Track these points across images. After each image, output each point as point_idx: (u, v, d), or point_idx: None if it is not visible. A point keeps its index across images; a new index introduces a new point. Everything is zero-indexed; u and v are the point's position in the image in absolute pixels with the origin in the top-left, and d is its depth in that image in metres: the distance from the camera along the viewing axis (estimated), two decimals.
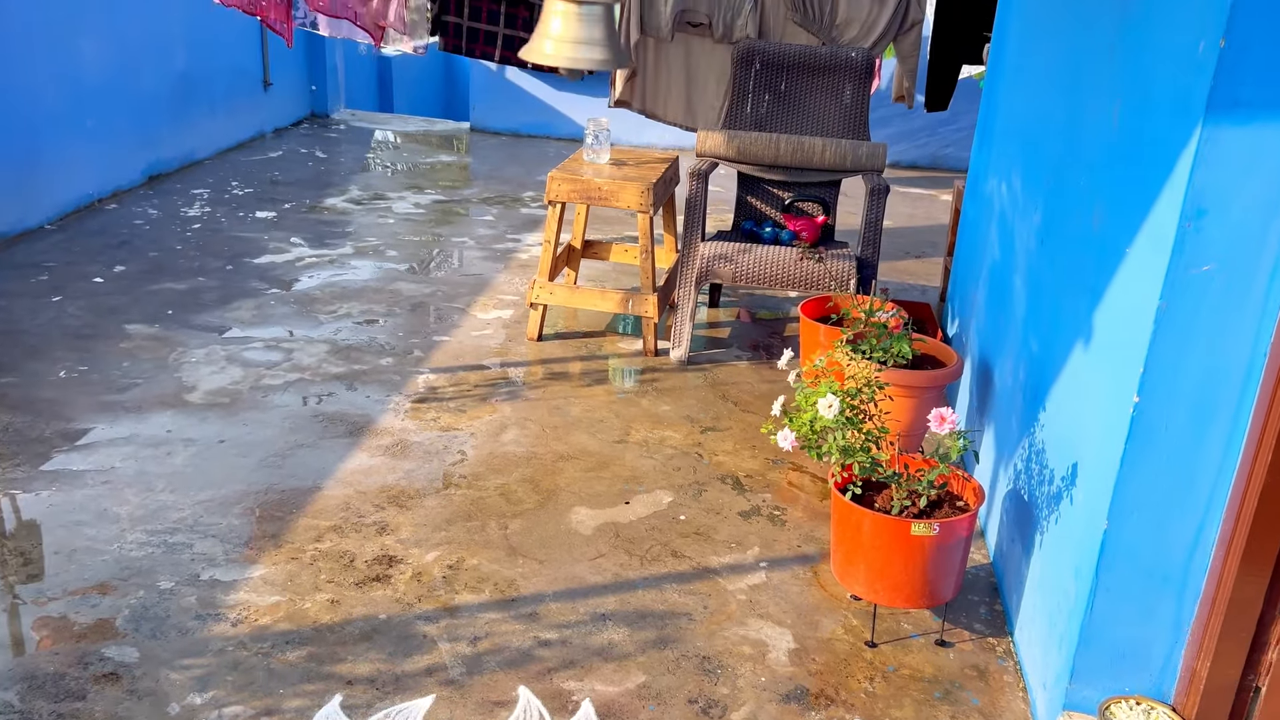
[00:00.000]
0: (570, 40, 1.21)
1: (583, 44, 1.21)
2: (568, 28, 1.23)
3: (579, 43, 1.21)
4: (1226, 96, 1.83)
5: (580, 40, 1.22)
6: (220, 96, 6.93)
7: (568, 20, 1.23)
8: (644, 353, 4.36)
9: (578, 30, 1.23)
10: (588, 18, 1.24)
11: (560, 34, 1.23)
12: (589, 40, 1.23)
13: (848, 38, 4.94)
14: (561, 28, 1.23)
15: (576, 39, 1.22)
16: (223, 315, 4.46)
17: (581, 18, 1.23)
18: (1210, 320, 1.97)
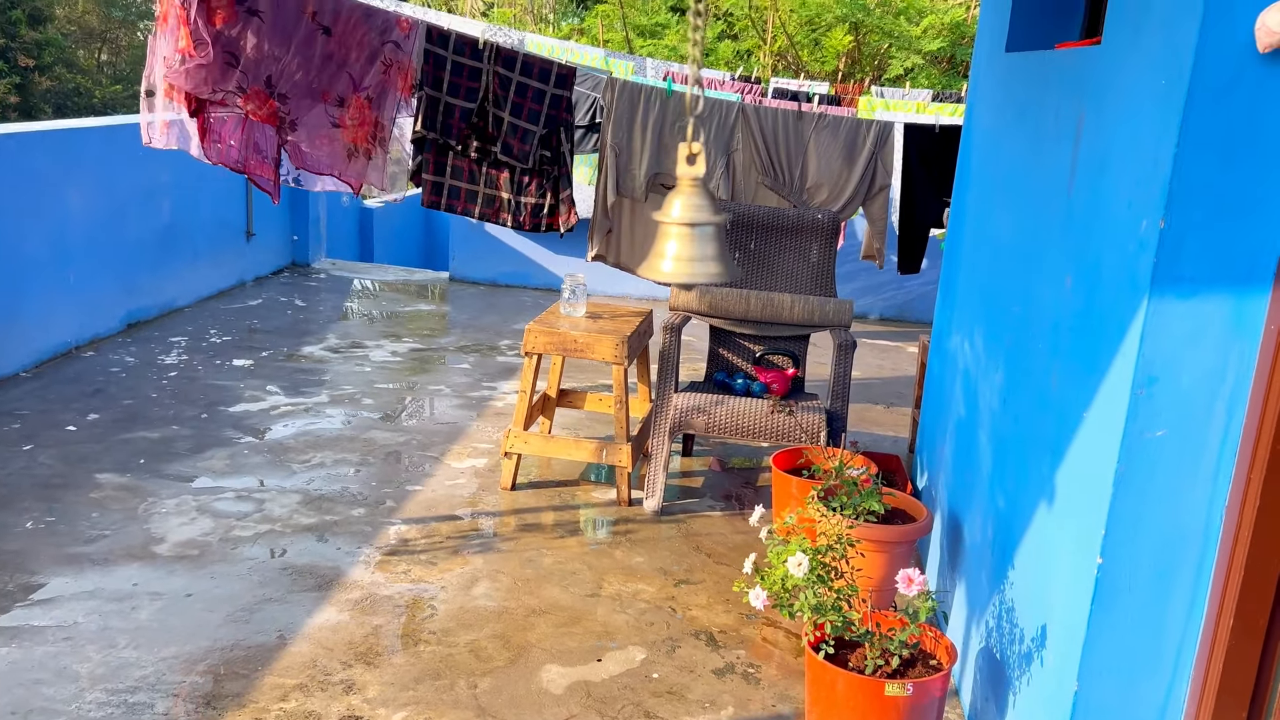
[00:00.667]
0: (687, 258, 1.29)
1: (698, 260, 1.29)
2: (684, 247, 1.31)
3: (694, 260, 1.29)
4: (1169, 273, 1.94)
5: (695, 258, 1.30)
6: (203, 246, 7.07)
7: (683, 240, 1.31)
8: (618, 502, 4.37)
9: (693, 249, 1.31)
10: (701, 237, 1.32)
11: (678, 253, 1.31)
12: (703, 257, 1.30)
13: (817, 200, 5.15)
14: (678, 248, 1.31)
15: (692, 256, 1.29)
16: (195, 464, 4.45)
17: (695, 237, 1.32)
18: (1166, 483, 2.03)
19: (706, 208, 1.31)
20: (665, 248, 1.32)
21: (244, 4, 4.50)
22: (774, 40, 10.69)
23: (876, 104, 7.02)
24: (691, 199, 1.31)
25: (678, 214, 1.32)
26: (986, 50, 3.76)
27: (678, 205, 1.32)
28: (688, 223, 1.31)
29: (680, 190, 1.32)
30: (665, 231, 1.34)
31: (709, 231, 1.31)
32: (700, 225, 1.31)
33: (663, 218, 1.33)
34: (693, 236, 1.30)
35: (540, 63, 4.86)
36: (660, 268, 1.32)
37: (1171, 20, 1.96)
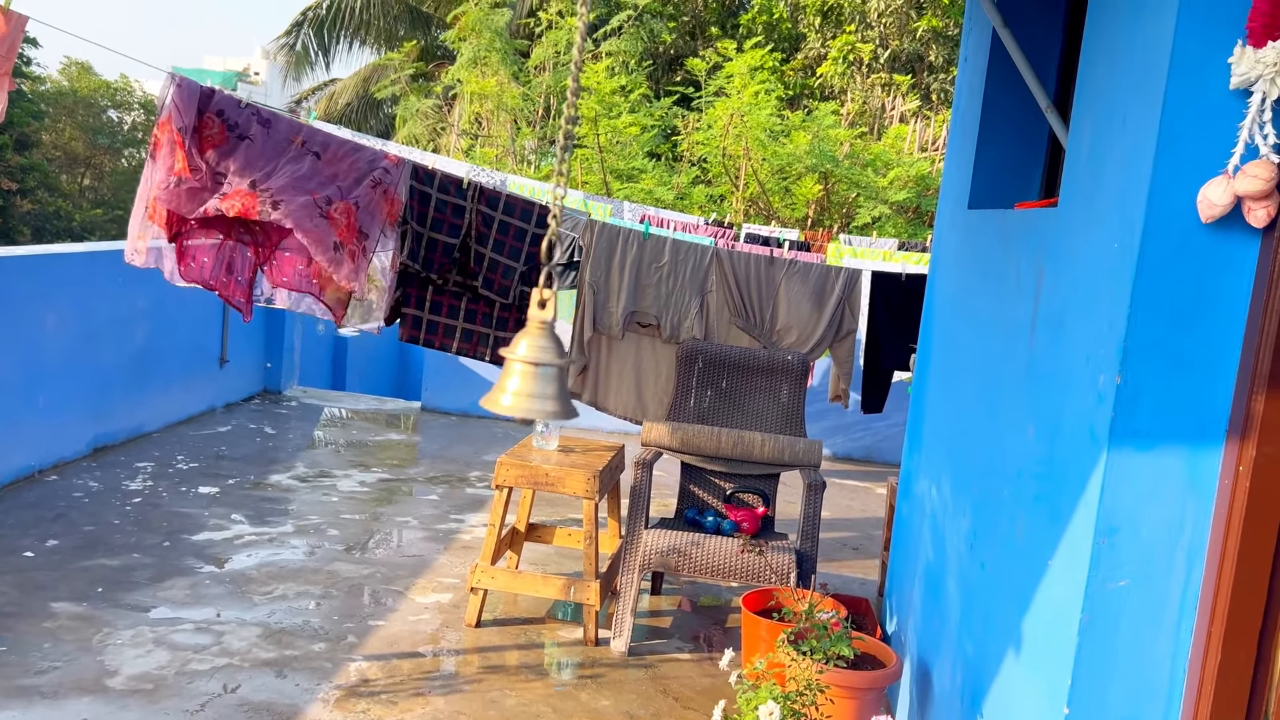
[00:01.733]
0: (526, 394, 1.35)
1: (536, 398, 1.35)
2: (524, 383, 1.37)
3: (533, 396, 1.35)
4: (1127, 426, 2.01)
5: (534, 394, 1.36)
6: (176, 372, 7.07)
7: (525, 378, 1.38)
8: (584, 642, 4.31)
9: (533, 386, 1.38)
10: (543, 377, 1.39)
11: (517, 389, 1.37)
12: (542, 395, 1.37)
13: (786, 342, 5.26)
14: (519, 383, 1.38)
15: (531, 393, 1.36)
16: (154, 594, 4.37)
17: (538, 376, 1.38)
18: (1131, 633, 2.05)
19: (551, 349, 1.39)
20: (507, 383, 1.40)
21: (235, 131, 4.64)
22: (746, 187, 11.04)
23: (845, 250, 7.24)
24: (537, 340, 1.40)
25: (523, 353, 1.40)
26: (950, 206, 3.93)
27: (524, 345, 1.41)
28: (532, 361, 1.39)
29: (528, 331, 1.41)
30: (509, 368, 1.42)
31: (551, 372, 1.39)
32: (544, 365, 1.38)
33: (509, 354, 1.41)
34: (536, 375, 1.38)
35: (522, 203, 5.02)
36: (500, 401, 1.39)
37: (1122, 189, 2.09)
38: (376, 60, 20.93)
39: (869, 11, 15.16)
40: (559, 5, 14.38)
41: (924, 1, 14.99)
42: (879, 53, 14.91)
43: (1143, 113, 2.03)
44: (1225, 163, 1.90)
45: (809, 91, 15.52)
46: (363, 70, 21.18)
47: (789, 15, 16.26)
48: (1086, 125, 2.38)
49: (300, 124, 4.76)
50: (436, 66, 18.31)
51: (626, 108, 11.39)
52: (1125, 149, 2.11)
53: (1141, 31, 2.09)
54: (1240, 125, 1.88)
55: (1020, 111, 3.55)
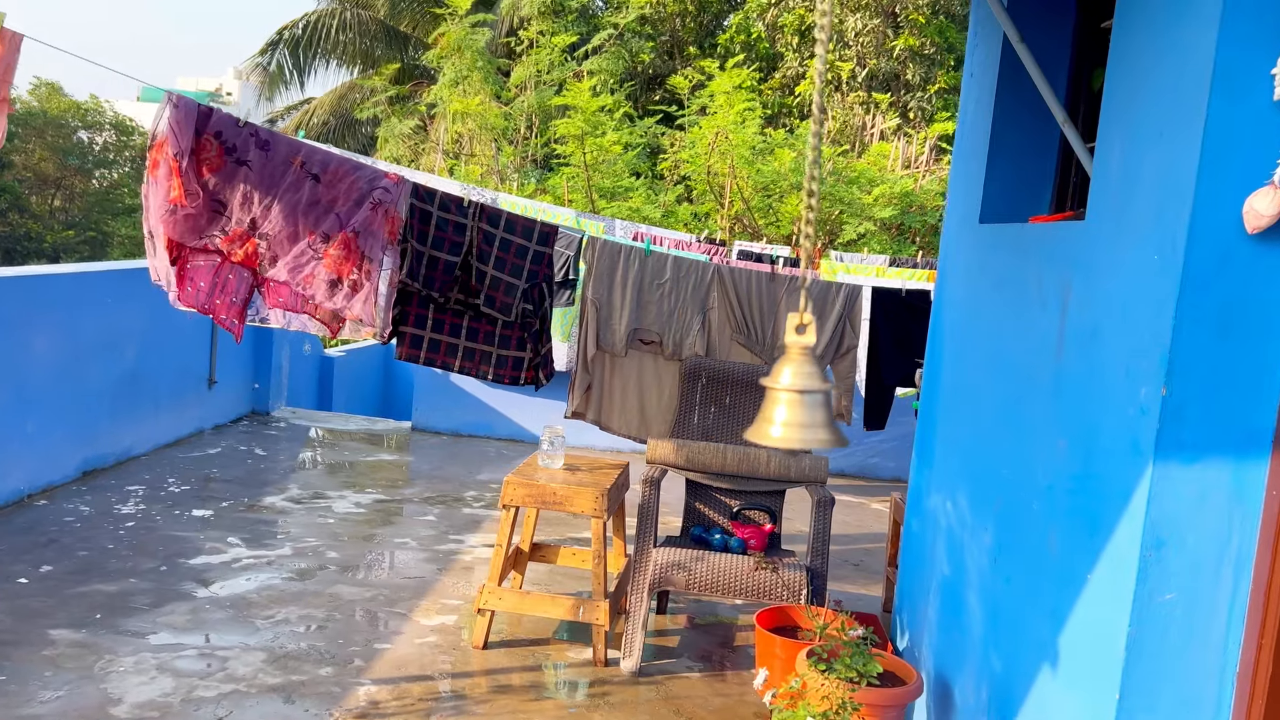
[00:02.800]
0: (796, 424, 1.30)
1: (806, 427, 1.30)
2: (793, 413, 1.32)
3: (804, 425, 1.30)
4: (1173, 439, 2.00)
5: (804, 424, 1.31)
6: (165, 394, 6.98)
7: (793, 407, 1.33)
8: (594, 662, 4.26)
9: (802, 415, 1.33)
10: (811, 404, 1.34)
11: (787, 419, 1.33)
12: (812, 423, 1.32)
13: None
14: (788, 413, 1.33)
15: (801, 422, 1.31)
16: (154, 620, 4.29)
17: (806, 404, 1.34)
18: (1178, 648, 2.05)
19: (817, 375, 1.33)
20: (774, 413, 1.34)
21: (233, 155, 4.59)
22: (731, 205, 11.07)
23: (837, 267, 7.26)
24: (801, 366, 1.34)
25: (788, 381, 1.34)
26: (958, 222, 3.94)
27: (787, 372, 1.35)
28: (798, 389, 1.33)
29: (790, 358, 1.35)
30: (774, 397, 1.36)
31: (819, 399, 1.34)
32: (811, 392, 1.33)
33: (771, 384, 1.35)
34: (804, 403, 1.32)
35: (523, 221, 4.99)
36: (769, 433, 1.34)
37: (1161, 202, 2.09)
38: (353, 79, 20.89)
39: (846, 31, 15.28)
40: (540, 25, 14.41)
41: (900, 21, 15.14)
42: (857, 72, 15.02)
43: (1182, 126, 2.03)
44: (1270, 174, 1.91)
45: (787, 110, 15.62)
46: (338, 89, 21.14)
47: (766, 35, 16.37)
48: (1115, 139, 2.39)
49: (299, 143, 4.72)
50: (415, 86, 18.29)
51: (611, 126, 11.41)
52: (1162, 162, 2.12)
53: (1177, 46, 2.10)
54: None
55: (1031, 126, 3.56)
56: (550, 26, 14.19)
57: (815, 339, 1.36)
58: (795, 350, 1.35)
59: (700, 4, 17.47)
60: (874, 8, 14.97)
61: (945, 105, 14.92)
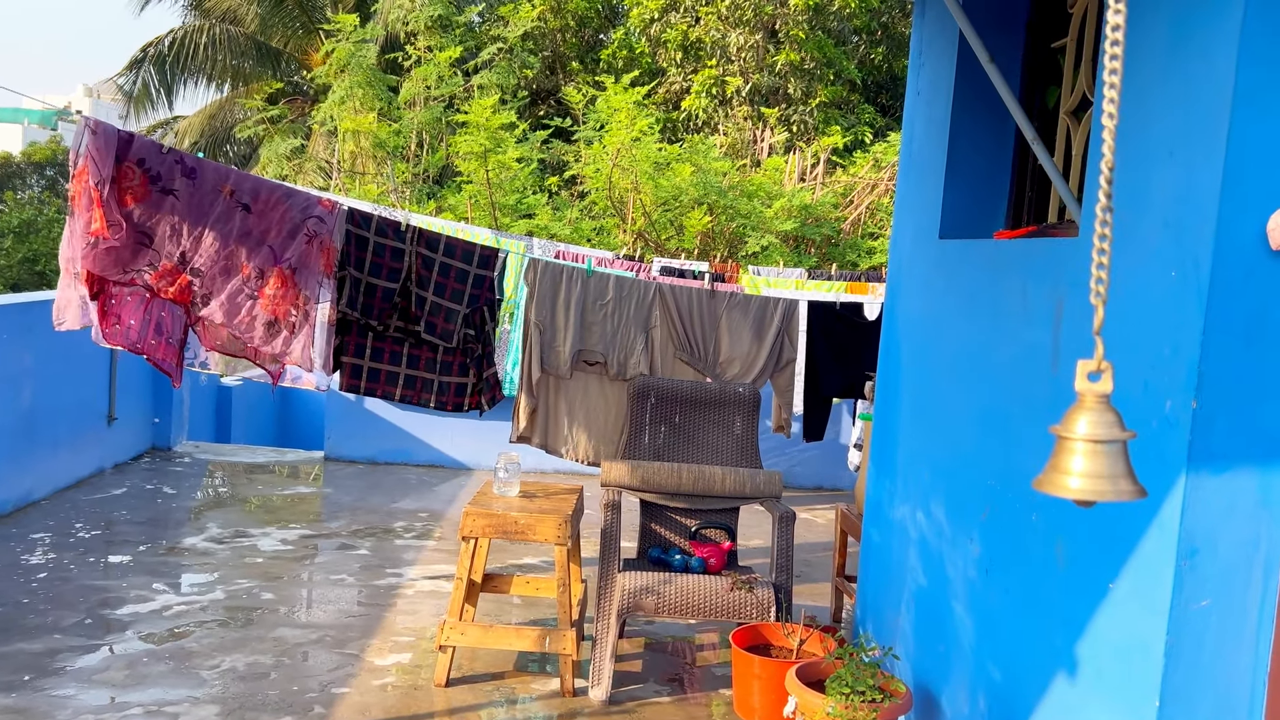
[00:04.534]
0: (1097, 475, 1.24)
1: (1107, 478, 1.24)
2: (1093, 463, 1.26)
3: (1103, 476, 1.24)
4: (1204, 449, 2.07)
5: (1105, 475, 1.25)
6: (64, 433, 6.58)
7: (1092, 458, 1.27)
8: (562, 693, 4.18)
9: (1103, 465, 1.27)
10: (1111, 454, 1.28)
11: (1085, 469, 1.26)
12: (1113, 474, 1.26)
13: (730, 374, 5.27)
14: (1086, 464, 1.26)
15: (1102, 474, 1.25)
16: (89, 678, 4.01)
17: (1106, 454, 1.28)
18: (1214, 653, 2.11)
19: (1116, 424, 1.30)
20: (1070, 463, 1.29)
21: (158, 184, 4.36)
22: (634, 221, 11.09)
23: (758, 281, 7.34)
24: (1100, 414, 1.30)
25: (1084, 431, 1.30)
26: (912, 237, 4.02)
27: (1084, 422, 1.30)
28: (1098, 439, 1.29)
29: (1086, 406, 1.31)
30: (1068, 447, 1.31)
31: (1118, 449, 1.29)
32: (1110, 442, 1.29)
33: (1064, 433, 1.31)
34: (1104, 453, 1.28)
35: (463, 244, 4.88)
36: (1067, 484, 1.29)
37: (1178, 220, 2.16)
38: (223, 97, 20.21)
39: (729, 46, 15.51)
40: (427, 40, 14.18)
41: (781, 37, 15.44)
42: (741, 87, 15.26)
43: (1199, 145, 2.10)
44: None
45: (671, 124, 15.75)
46: (208, 107, 20.41)
47: (650, 50, 16.50)
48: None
49: (227, 170, 4.51)
50: (289, 103, 17.80)
51: (512, 141, 11.30)
52: (1175, 181, 2.19)
53: (1186, 66, 2.18)
54: None
55: (987, 142, 3.66)
56: (439, 41, 13.97)
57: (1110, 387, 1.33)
58: (1092, 398, 1.32)
59: (580, 20, 17.50)
60: (754, 23, 15.24)
61: (827, 119, 15.29)
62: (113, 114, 21.15)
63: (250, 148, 18.70)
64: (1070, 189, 3.12)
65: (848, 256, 11.33)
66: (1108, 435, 1.27)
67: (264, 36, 19.80)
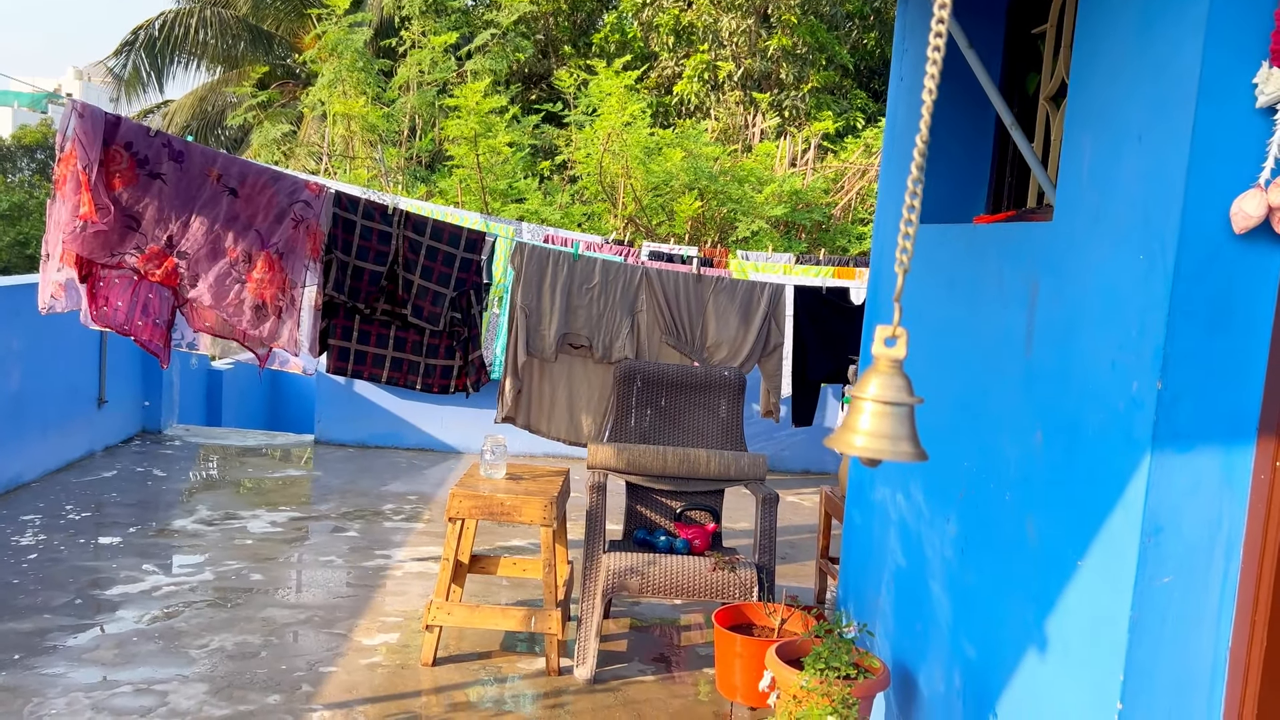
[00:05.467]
0: (881, 434, 1.31)
1: (890, 438, 1.31)
2: (878, 423, 1.33)
3: (888, 437, 1.30)
4: (1169, 429, 2.11)
5: (889, 435, 1.31)
6: (53, 416, 6.60)
7: (879, 418, 1.33)
8: (547, 672, 4.23)
9: (888, 426, 1.33)
10: (897, 417, 1.34)
11: (871, 429, 1.33)
12: (896, 435, 1.32)
13: (717, 359, 5.31)
14: (873, 423, 1.33)
15: (886, 434, 1.31)
16: (79, 657, 4.05)
17: (892, 416, 1.34)
18: (1176, 627, 2.15)
19: (905, 388, 1.35)
20: (857, 422, 1.35)
21: (146, 167, 4.38)
22: (625, 206, 11.11)
23: (746, 266, 7.37)
24: (890, 378, 1.36)
25: (875, 392, 1.36)
26: (894, 221, 4.05)
27: (875, 384, 1.36)
28: (886, 401, 1.34)
29: (878, 369, 1.36)
30: (858, 406, 1.37)
31: (904, 412, 1.35)
32: (898, 405, 1.35)
33: (859, 394, 1.36)
34: (891, 415, 1.34)
35: (450, 228, 4.91)
36: (852, 441, 1.35)
37: (1146, 203, 2.20)
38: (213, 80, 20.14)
39: (721, 30, 15.50)
40: (421, 25, 14.15)
41: (773, 22, 15.43)
42: (733, 71, 15.25)
43: (1166, 131, 2.14)
44: (1255, 177, 2.02)
45: (664, 109, 15.75)
46: (199, 90, 20.33)
47: (642, 34, 16.48)
48: (1085, 142, 2.50)
49: (214, 153, 4.53)
50: (280, 87, 17.75)
51: (503, 126, 11.29)
52: (1143, 165, 2.22)
53: (1154, 53, 2.21)
54: (1270, 141, 2.01)
55: (967, 128, 3.69)
56: (433, 26, 13.95)
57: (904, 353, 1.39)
58: (884, 361, 1.37)
59: (573, 3, 17.45)
60: (746, 8, 15.22)
61: (819, 104, 15.30)
62: (103, 97, 21.09)
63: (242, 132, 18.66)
64: (1048, 175, 3.15)
65: (838, 242, 11.36)
66: (896, 398, 1.33)
67: (255, 19, 19.73)
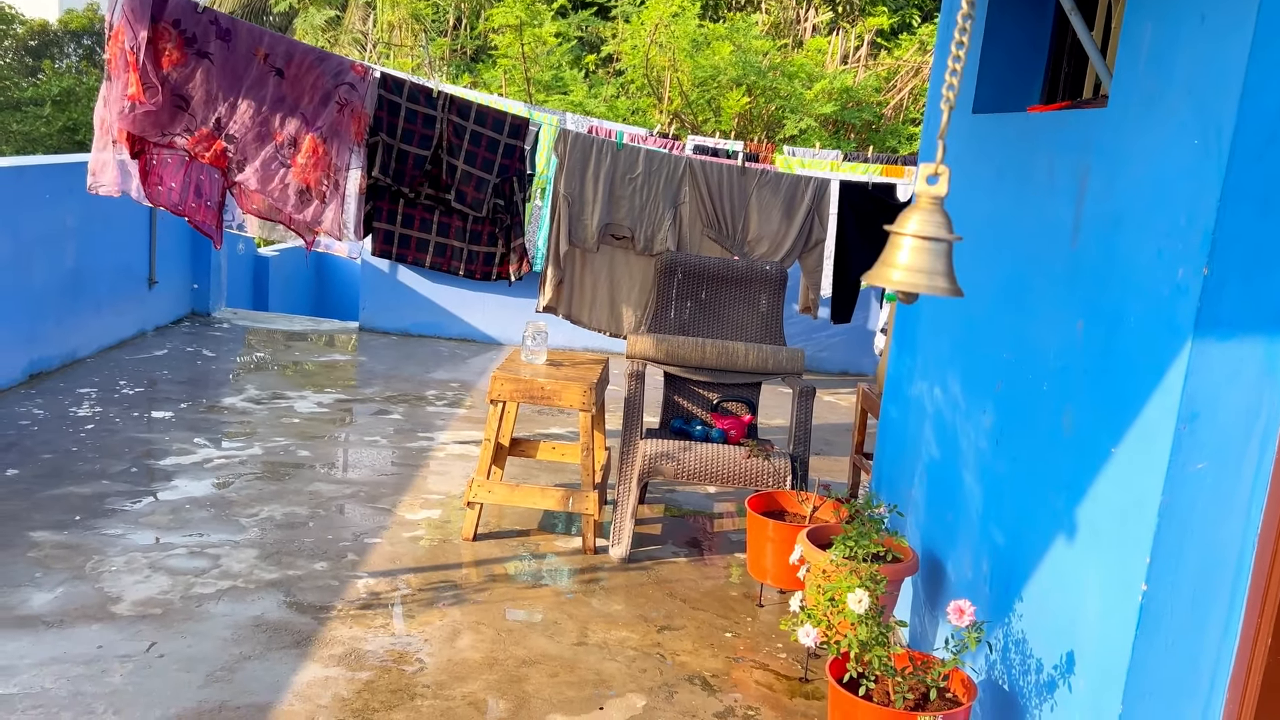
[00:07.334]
0: (918, 269, 1.33)
1: (927, 273, 1.33)
2: (916, 258, 1.35)
3: (924, 271, 1.33)
4: (1211, 316, 2.10)
5: (926, 270, 1.34)
6: (106, 294, 6.75)
7: (916, 252, 1.35)
8: (583, 550, 4.35)
9: (925, 261, 1.35)
10: (934, 252, 1.36)
11: (909, 263, 1.35)
12: (933, 270, 1.35)
13: (758, 253, 5.30)
14: (910, 258, 1.35)
15: (922, 268, 1.34)
16: (136, 520, 4.23)
17: (930, 251, 1.36)
18: (1206, 514, 2.18)
19: (944, 225, 1.37)
20: (895, 257, 1.37)
21: (193, 46, 4.39)
22: (670, 101, 10.95)
23: (792, 162, 7.28)
24: (929, 215, 1.37)
25: (914, 228, 1.37)
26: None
27: (915, 220, 1.37)
28: (925, 236, 1.36)
29: (920, 207, 1.38)
30: (896, 242, 1.39)
31: (943, 248, 1.37)
32: (936, 240, 1.36)
33: (898, 230, 1.38)
34: (928, 250, 1.36)
35: (494, 113, 4.89)
36: (890, 276, 1.37)
37: (1203, 87, 2.15)
38: None
39: None
40: None
41: None
42: None
43: (1230, 11, 2.08)
44: None
45: (713, 1, 15.37)
46: None
47: None
48: (1146, 27, 2.43)
49: (261, 32, 4.52)
50: None
51: (549, 15, 11.11)
52: (1203, 47, 2.17)
53: None
54: None
55: (1023, 16, 3.60)
56: None
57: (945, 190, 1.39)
58: (926, 199, 1.38)
59: None
60: None
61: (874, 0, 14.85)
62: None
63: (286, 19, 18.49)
64: (1106, 64, 3.08)
65: (888, 142, 11.16)
66: (935, 233, 1.34)
67: None
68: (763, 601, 4.05)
